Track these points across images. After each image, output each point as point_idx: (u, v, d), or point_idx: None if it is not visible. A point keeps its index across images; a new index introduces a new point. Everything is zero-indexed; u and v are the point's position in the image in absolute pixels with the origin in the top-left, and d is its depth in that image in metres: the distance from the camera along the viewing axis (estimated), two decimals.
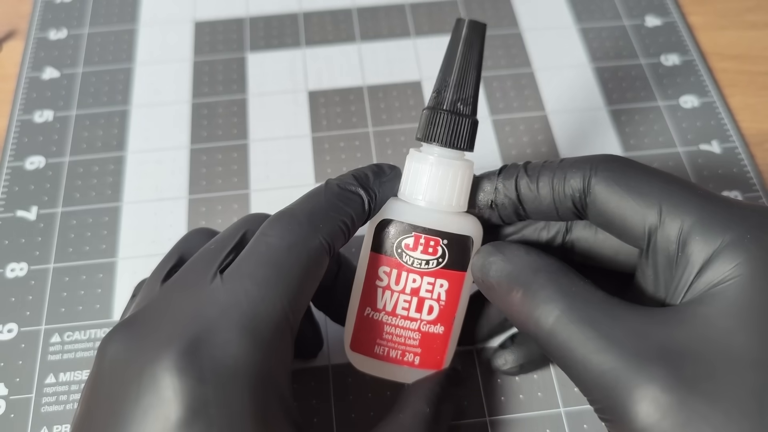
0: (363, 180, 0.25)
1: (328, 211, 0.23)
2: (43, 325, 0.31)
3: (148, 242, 0.34)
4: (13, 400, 0.29)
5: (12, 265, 0.33)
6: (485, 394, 0.29)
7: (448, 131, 0.24)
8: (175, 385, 0.19)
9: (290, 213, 0.23)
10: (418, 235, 0.24)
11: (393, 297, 0.25)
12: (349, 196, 0.24)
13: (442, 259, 0.25)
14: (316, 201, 0.24)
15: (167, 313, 0.22)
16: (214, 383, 0.20)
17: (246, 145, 0.37)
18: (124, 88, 0.39)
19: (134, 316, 0.22)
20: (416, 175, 0.24)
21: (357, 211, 0.24)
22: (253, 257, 0.22)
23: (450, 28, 0.25)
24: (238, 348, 0.20)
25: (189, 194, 0.35)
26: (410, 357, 0.26)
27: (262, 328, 0.21)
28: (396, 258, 0.25)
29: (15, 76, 0.40)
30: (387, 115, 0.38)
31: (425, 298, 0.25)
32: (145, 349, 0.20)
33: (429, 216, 0.24)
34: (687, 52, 0.40)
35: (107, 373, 0.21)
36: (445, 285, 0.25)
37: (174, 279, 0.23)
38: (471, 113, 0.24)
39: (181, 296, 0.22)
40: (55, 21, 0.42)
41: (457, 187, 0.24)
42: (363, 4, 0.43)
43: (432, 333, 0.25)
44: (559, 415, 0.29)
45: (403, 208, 0.25)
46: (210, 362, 0.20)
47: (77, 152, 0.37)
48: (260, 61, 0.40)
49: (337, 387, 0.29)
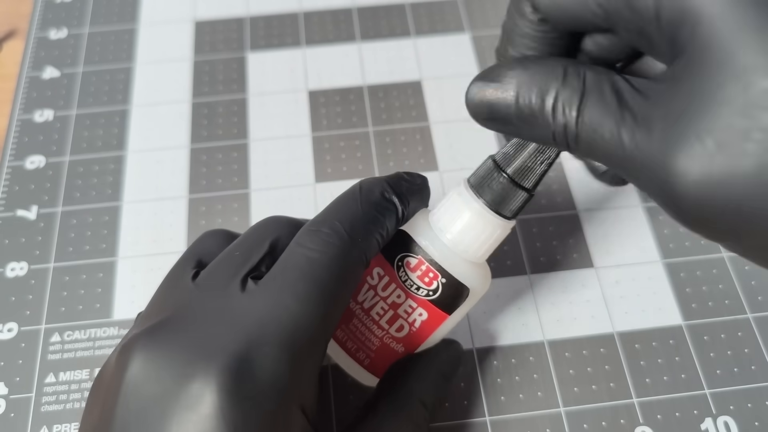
0: (397, 188, 0.24)
1: (366, 222, 0.23)
2: (43, 325, 0.31)
3: (148, 242, 0.34)
4: (13, 400, 0.29)
5: (12, 264, 0.33)
6: (485, 394, 0.29)
7: (500, 198, 0.23)
8: (217, 403, 0.19)
9: (330, 225, 0.23)
10: (422, 261, 0.24)
11: (374, 299, 0.25)
12: (385, 205, 0.24)
13: (433, 293, 0.24)
14: (354, 210, 0.23)
15: (200, 323, 0.21)
16: (255, 401, 0.19)
17: (246, 144, 0.37)
18: (124, 87, 0.39)
19: (162, 324, 0.21)
20: (456, 214, 0.24)
21: (392, 222, 0.24)
22: (293, 271, 0.21)
23: (450, 27, 0.25)
24: (280, 366, 0.20)
25: (189, 194, 0.35)
26: (362, 356, 0.26)
27: (302, 345, 0.21)
28: (393, 268, 0.25)
29: (15, 76, 0.40)
30: (387, 114, 0.38)
31: (401, 316, 0.25)
32: (180, 363, 0.20)
33: (443, 251, 0.24)
34: None
35: (134, 385, 0.20)
36: (424, 315, 0.25)
37: (201, 285, 0.22)
38: (531, 188, 0.23)
39: (214, 304, 0.21)
40: (56, 20, 0.42)
41: (488, 242, 0.24)
42: (363, 4, 0.43)
43: (391, 348, 0.25)
44: (559, 415, 0.29)
45: (425, 232, 0.24)
46: (252, 381, 0.20)
47: (77, 152, 0.37)
48: (260, 60, 0.40)
49: (337, 387, 0.29)
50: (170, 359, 0.20)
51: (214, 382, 0.19)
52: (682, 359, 0.30)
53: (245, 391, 0.19)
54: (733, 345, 0.31)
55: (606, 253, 0.33)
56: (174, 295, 0.23)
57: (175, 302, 0.22)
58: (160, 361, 0.20)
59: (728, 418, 0.29)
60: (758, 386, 0.30)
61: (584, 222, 0.34)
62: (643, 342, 0.31)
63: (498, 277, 0.33)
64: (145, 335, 0.21)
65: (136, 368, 0.20)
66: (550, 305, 0.32)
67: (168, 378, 0.20)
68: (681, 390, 0.30)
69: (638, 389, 0.30)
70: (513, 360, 0.30)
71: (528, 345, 0.31)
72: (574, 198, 0.35)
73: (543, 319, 0.31)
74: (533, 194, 0.24)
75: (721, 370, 0.30)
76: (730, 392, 0.29)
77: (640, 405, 0.29)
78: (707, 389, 0.30)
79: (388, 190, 0.24)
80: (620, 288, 0.32)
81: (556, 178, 0.35)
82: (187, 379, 0.19)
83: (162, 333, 0.21)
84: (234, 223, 0.34)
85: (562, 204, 0.35)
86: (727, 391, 0.29)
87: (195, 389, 0.19)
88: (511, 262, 0.33)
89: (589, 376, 0.30)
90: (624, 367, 0.30)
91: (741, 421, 0.29)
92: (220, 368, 0.19)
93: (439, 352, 0.26)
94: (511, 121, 0.21)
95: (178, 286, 0.23)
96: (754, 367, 0.30)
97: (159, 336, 0.21)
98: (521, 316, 0.32)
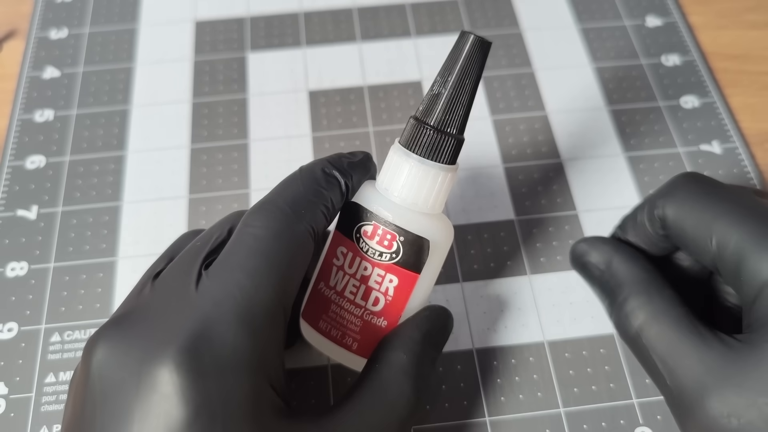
0: (338, 164, 0.25)
1: (308, 196, 0.23)
2: (43, 324, 0.31)
3: (148, 242, 0.34)
4: (13, 399, 0.29)
5: (12, 264, 0.33)
6: (485, 394, 0.29)
7: (430, 148, 0.24)
8: (176, 381, 0.19)
9: (272, 202, 0.23)
10: (377, 225, 0.24)
11: (344, 279, 0.25)
12: (327, 179, 0.24)
13: (395, 255, 0.24)
14: (295, 188, 0.24)
15: (159, 310, 0.22)
16: (215, 377, 0.20)
17: (246, 144, 0.37)
18: (124, 87, 0.39)
19: (124, 315, 0.22)
20: (396, 170, 0.24)
21: (336, 195, 0.24)
22: (240, 249, 0.22)
23: (450, 27, 0.25)
24: (236, 339, 0.20)
25: (189, 193, 0.35)
26: (349, 341, 0.25)
27: (258, 317, 0.21)
28: (354, 242, 0.25)
29: (16, 76, 0.40)
30: (387, 114, 0.38)
31: (373, 288, 0.25)
32: (140, 348, 0.20)
33: (393, 209, 0.24)
34: (687, 52, 0.40)
35: (99, 374, 0.21)
36: (395, 281, 0.25)
37: (162, 277, 0.23)
38: (457, 132, 0.24)
39: (172, 293, 0.22)
40: (56, 20, 0.42)
41: (434, 190, 0.24)
42: (363, 4, 0.43)
43: (374, 324, 0.25)
44: (559, 415, 0.29)
45: (373, 197, 0.25)
46: (210, 357, 0.20)
47: (78, 151, 0.37)
48: (261, 60, 0.40)
49: (336, 387, 0.29)
50: (131, 345, 0.21)
51: (171, 361, 0.20)
52: None
53: (205, 367, 0.20)
54: None
55: None
56: (140, 291, 0.24)
57: (139, 297, 0.23)
58: (122, 349, 0.21)
59: None
60: None
61: (584, 223, 0.34)
62: None
63: (498, 277, 0.33)
64: (107, 326, 0.22)
65: (100, 357, 0.21)
66: (550, 306, 0.32)
67: (129, 363, 0.20)
68: None
69: (638, 390, 0.30)
70: (513, 360, 0.30)
71: (528, 345, 0.31)
72: (574, 198, 0.35)
73: (543, 320, 0.31)
74: (462, 138, 0.24)
75: None
76: None
77: (640, 406, 0.29)
78: None
79: (328, 166, 0.25)
80: None
81: (556, 178, 0.35)
82: (147, 362, 0.20)
83: (123, 323, 0.22)
84: None
85: (562, 204, 0.35)
86: None
87: (154, 371, 0.20)
88: (511, 263, 0.33)
89: (588, 377, 0.30)
90: (624, 368, 0.30)
91: None
92: (177, 348, 0.20)
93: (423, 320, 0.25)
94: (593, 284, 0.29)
95: (145, 283, 0.24)
96: None
97: (121, 325, 0.22)
98: (521, 316, 0.32)
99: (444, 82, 0.24)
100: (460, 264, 0.33)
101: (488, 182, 0.35)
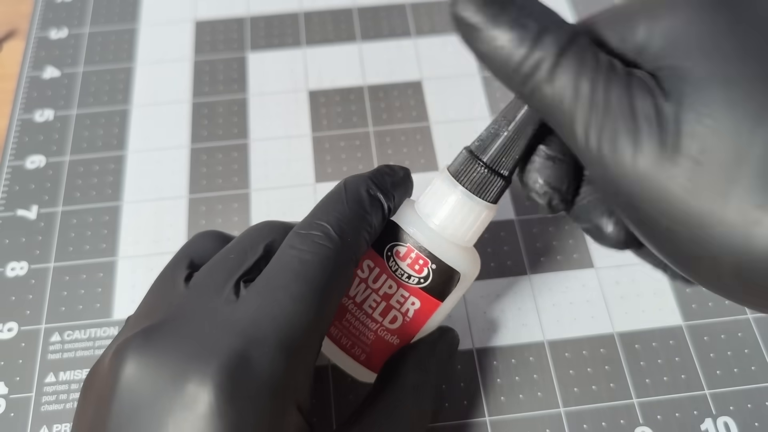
0: (381, 184, 0.25)
1: (354, 221, 0.23)
2: (43, 324, 0.31)
3: (148, 241, 0.34)
4: (13, 399, 0.29)
5: (12, 264, 0.33)
6: (485, 394, 0.29)
7: (480, 184, 0.23)
8: (212, 402, 0.19)
9: (319, 226, 0.23)
10: (411, 249, 0.24)
11: (365, 292, 0.25)
12: (371, 202, 0.24)
13: (424, 281, 0.24)
14: (341, 210, 0.23)
15: (195, 325, 0.21)
16: (252, 401, 0.19)
17: (246, 144, 0.37)
18: (124, 87, 0.39)
19: (157, 326, 0.21)
20: (441, 199, 0.24)
21: (378, 218, 0.24)
22: (286, 272, 0.22)
23: (450, 27, 0.25)
24: (274, 364, 0.20)
25: (189, 193, 0.35)
26: (358, 351, 0.26)
27: (298, 343, 0.21)
28: (383, 259, 0.25)
29: (16, 76, 0.40)
30: (387, 114, 0.38)
31: (393, 307, 0.25)
32: (175, 363, 0.20)
33: (431, 237, 0.24)
34: None
35: (129, 387, 0.20)
36: (417, 304, 0.25)
37: (195, 287, 0.22)
38: (507, 175, 0.24)
39: (208, 307, 0.21)
40: (56, 20, 0.42)
41: (474, 226, 0.24)
42: (364, 4, 0.43)
43: (386, 341, 0.25)
44: (559, 415, 0.29)
45: (413, 219, 0.25)
46: (248, 380, 0.20)
47: (78, 151, 0.37)
48: (261, 60, 0.40)
49: (337, 387, 0.29)
50: (165, 361, 0.20)
51: (210, 381, 0.19)
52: (682, 359, 0.30)
53: (242, 390, 0.19)
54: (733, 345, 0.31)
55: (606, 253, 0.33)
56: (167, 298, 0.23)
57: (168, 304, 0.22)
58: (155, 363, 0.20)
59: (728, 418, 0.29)
60: (758, 387, 0.30)
61: None
62: (643, 342, 0.31)
63: (498, 277, 0.33)
64: (139, 337, 0.21)
65: (131, 370, 0.20)
66: (550, 305, 0.32)
67: (163, 379, 0.20)
68: (681, 390, 0.30)
69: (638, 389, 0.30)
70: (513, 360, 0.30)
71: (528, 345, 0.31)
72: None
73: (543, 320, 0.31)
74: (510, 180, 0.24)
75: (721, 370, 0.30)
76: (730, 393, 0.29)
77: (640, 405, 0.29)
78: (707, 390, 0.30)
79: (372, 187, 0.24)
80: (620, 288, 0.32)
81: None
82: (183, 379, 0.19)
83: (157, 335, 0.21)
84: (234, 223, 0.34)
85: None
86: (727, 392, 0.29)
87: (191, 389, 0.19)
88: (511, 262, 0.33)
89: (589, 377, 0.30)
90: (624, 368, 0.30)
91: (741, 421, 0.29)
92: (216, 367, 0.19)
93: (434, 339, 0.26)
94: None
95: (172, 288, 0.23)
96: (754, 368, 0.30)
97: (153, 338, 0.21)
98: (521, 316, 0.32)
99: (507, 122, 0.23)
100: None
101: None
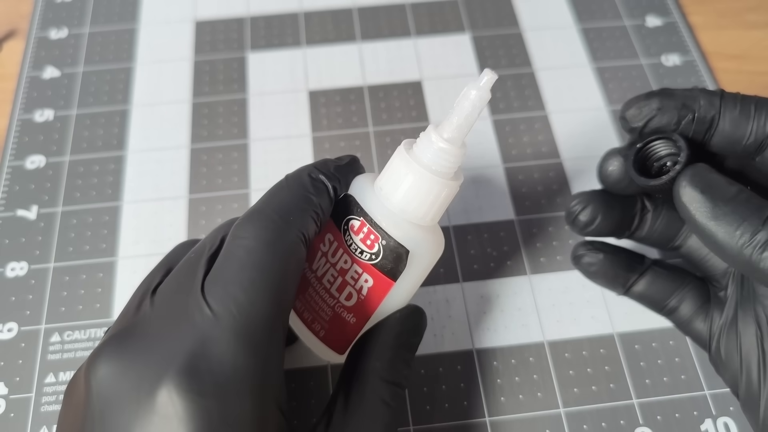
0: (324, 168, 0.25)
1: (296, 203, 0.23)
2: (43, 325, 0.31)
3: (148, 242, 0.34)
4: (13, 400, 0.29)
5: (12, 264, 0.33)
6: (485, 394, 0.29)
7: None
8: (176, 403, 0.19)
9: (260, 211, 0.23)
10: (364, 223, 0.24)
11: (325, 266, 0.25)
12: (315, 185, 0.24)
13: (375, 257, 0.24)
14: (283, 195, 0.23)
15: (158, 328, 0.21)
16: (216, 397, 0.20)
17: (246, 144, 0.37)
18: (124, 87, 0.39)
19: (124, 332, 0.22)
20: (398, 177, 0.24)
21: (324, 200, 0.24)
22: (233, 262, 0.22)
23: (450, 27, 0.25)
24: (236, 357, 0.20)
25: (189, 194, 0.35)
26: (317, 327, 0.25)
27: (256, 332, 0.21)
28: (341, 233, 0.24)
29: (16, 76, 0.40)
30: (387, 114, 0.38)
31: (348, 283, 0.25)
32: (139, 368, 0.20)
33: (383, 212, 0.24)
34: (687, 53, 0.40)
35: (98, 392, 0.20)
36: (370, 282, 0.24)
37: (161, 291, 0.23)
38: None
39: (170, 309, 0.22)
40: (56, 20, 0.42)
41: (427, 202, 0.24)
42: (364, 4, 0.43)
43: (343, 318, 0.25)
44: (559, 415, 0.29)
45: (367, 193, 0.24)
46: (209, 376, 0.20)
47: (78, 151, 0.37)
48: (261, 60, 0.40)
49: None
50: (131, 365, 0.20)
51: (170, 382, 0.19)
52: (682, 360, 0.30)
53: (204, 387, 0.20)
54: None
55: None
56: (138, 305, 0.23)
57: (139, 312, 0.23)
58: (122, 368, 0.20)
59: (728, 419, 0.29)
60: None
61: None
62: (643, 343, 0.31)
63: (498, 277, 0.33)
64: (108, 343, 0.21)
65: (100, 375, 0.20)
66: (550, 306, 0.32)
67: (130, 384, 0.20)
68: (681, 391, 0.30)
69: (638, 390, 0.30)
70: (513, 361, 0.30)
71: (528, 346, 0.31)
72: None
73: (543, 320, 0.31)
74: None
75: None
76: (730, 393, 0.29)
77: (640, 406, 0.29)
78: (707, 390, 0.30)
79: (314, 172, 0.24)
80: None
81: (556, 178, 0.35)
82: (147, 383, 0.20)
83: (124, 340, 0.21)
84: None
85: (562, 204, 0.35)
86: (728, 393, 0.29)
87: (154, 392, 0.19)
88: (511, 263, 0.33)
89: (589, 377, 0.30)
90: (624, 368, 0.30)
91: (741, 422, 0.29)
92: (176, 369, 0.20)
93: (394, 323, 0.25)
94: None
95: (144, 296, 0.23)
96: None
97: (121, 343, 0.21)
98: (521, 316, 0.32)
99: None
100: (460, 264, 0.33)
101: (488, 182, 0.35)
